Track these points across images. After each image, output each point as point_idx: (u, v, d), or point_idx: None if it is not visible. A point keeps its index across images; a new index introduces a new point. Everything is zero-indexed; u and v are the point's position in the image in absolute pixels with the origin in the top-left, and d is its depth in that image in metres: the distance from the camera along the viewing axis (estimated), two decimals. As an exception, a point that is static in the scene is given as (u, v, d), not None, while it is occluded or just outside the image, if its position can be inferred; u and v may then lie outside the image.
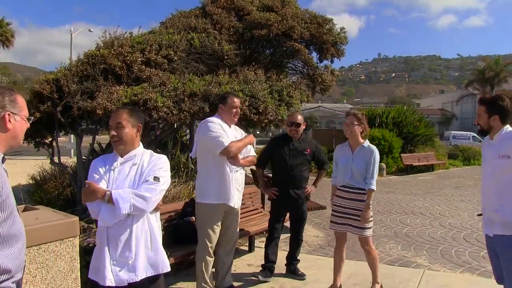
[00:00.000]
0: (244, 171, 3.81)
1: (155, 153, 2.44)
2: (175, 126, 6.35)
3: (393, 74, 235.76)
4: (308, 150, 4.17)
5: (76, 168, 6.14)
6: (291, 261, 4.30)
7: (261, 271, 4.11)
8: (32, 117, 1.78)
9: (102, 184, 2.25)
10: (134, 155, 2.35)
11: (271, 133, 34.88)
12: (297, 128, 4.10)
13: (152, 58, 5.66)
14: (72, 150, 16.92)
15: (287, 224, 4.42)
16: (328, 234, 6.11)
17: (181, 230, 4.13)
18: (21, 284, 1.62)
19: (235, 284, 3.85)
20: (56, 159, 6.16)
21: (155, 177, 2.28)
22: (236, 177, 3.57)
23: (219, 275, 3.71)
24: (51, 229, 2.58)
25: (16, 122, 1.63)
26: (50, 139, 6.17)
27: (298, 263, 4.33)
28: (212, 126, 3.45)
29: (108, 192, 2.19)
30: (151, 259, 2.31)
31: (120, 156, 2.34)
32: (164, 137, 6.66)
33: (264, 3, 8.02)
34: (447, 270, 4.52)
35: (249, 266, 4.54)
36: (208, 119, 3.56)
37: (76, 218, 2.76)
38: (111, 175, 2.29)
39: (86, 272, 2.39)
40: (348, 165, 3.66)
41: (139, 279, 2.24)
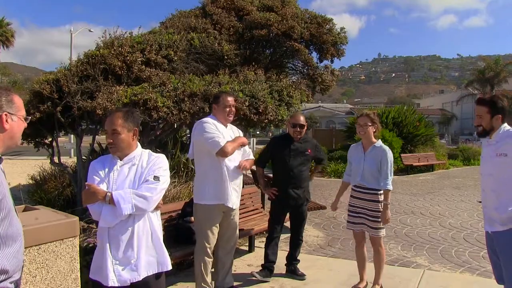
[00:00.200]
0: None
1: (153, 153, 2.44)
2: (175, 126, 6.34)
3: (393, 74, 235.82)
4: (309, 151, 4.17)
5: (76, 168, 6.14)
6: (291, 261, 4.30)
7: (261, 271, 4.11)
8: (30, 117, 1.77)
9: (103, 186, 2.26)
10: (133, 157, 2.36)
11: (271, 133, 34.86)
12: (301, 130, 4.09)
13: (152, 58, 5.66)
14: (72, 150, 16.92)
15: (287, 224, 4.42)
16: (328, 234, 6.11)
17: (181, 230, 4.13)
18: (20, 285, 1.62)
19: (235, 284, 3.84)
20: (56, 159, 6.17)
21: (155, 177, 2.29)
22: (234, 178, 3.54)
23: (219, 276, 3.69)
24: (51, 229, 2.58)
25: (14, 122, 1.63)
26: (50, 139, 6.18)
27: (298, 263, 4.32)
28: (207, 127, 3.41)
29: (109, 194, 2.20)
30: (153, 258, 2.31)
31: (119, 159, 2.35)
32: (164, 137, 6.66)
33: (264, 3, 8.02)
34: (447, 270, 4.52)
35: (249, 266, 4.54)
36: (203, 120, 3.52)
37: (76, 218, 2.76)
38: (111, 177, 2.30)
39: (86, 272, 2.39)
40: (361, 165, 3.71)
41: (142, 278, 2.25)
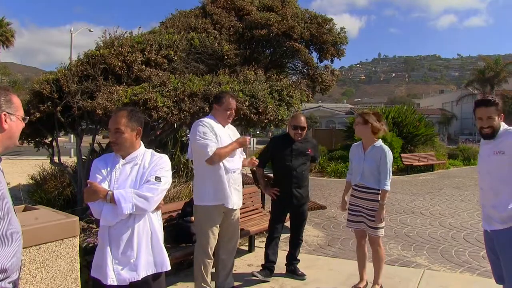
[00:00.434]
0: (242, 171, 3.76)
1: (156, 153, 2.44)
2: (175, 126, 6.34)
3: (393, 74, 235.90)
4: (310, 150, 4.17)
5: (76, 168, 6.14)
6: (291, 261, 4.30)
7: (261, 271, 4.11)
8: (28, 117, 1.76)
9: (104, 185, 2.27)
10: (136, 156, 2.36)
11: (271, 133, 34.86)
12: (302, 132, 4.08)
13: (152, 58, 5.66)
14: (72, 150, 16.93)
15: (287, 224, 4.42)
16: (328, 234, 6.11)
17: (181, 230, 4.13)
18: (18, 285, 1.62)
19: (235, 284, 3.84)
20: (56, 159, 6.17)
21: (157, 177, 2.29)
22: (234, 178, 3.51)
23: (220, 277, 3.67)
24: (51, 229, 2.58)
25: (12, 122, 1.62)
26: (50, 139, 6.18)
27: (298, 263, 4.33)
28: (201, 131, 3.35)
29: (110, 192, 2.20)
30: (153, 258, 2.32)
31: (122, 158, 2.35)
32: (164, 137, 6.66)
33: (264, 3, 8.02)
34: (447, 270, 4.52)
35: (249, 266, 4.54)
36: (200, 121, 3.47)
37: (76, 218, 2.76)
38: (113, 176, 2.31)
39: (86, 272, 2.39)
40: (360, 165, 3.73)
41: (141, 278, 2.26)
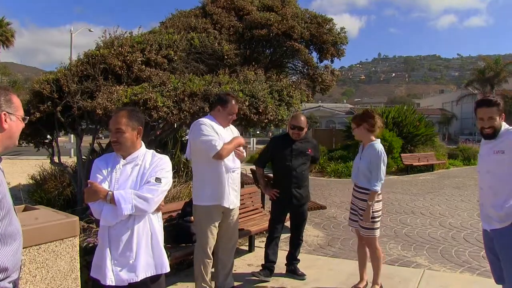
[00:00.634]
0: (241, 170, 3.76)
1: (157, 154, 2.43)
2: (175, 126, 6.34)
3: (393, 74, 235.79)
4: (310, 150, 4.17)
5: (76, 168, 6.14)
6: (291, 261, 4.30)
7: (261, 271, 4.11)
8: (28, 117, 1.76)
9: (105, 185, 2.26)
10: (136, 156, 2.36)
11: (271, 133, 34.85)
12: (300, 132, 4.08)
13: (152, 58, 5.66)
14: (72, 150, 16.93)
15: (287, 224, 4.42)
16: (328, 234, 6.11)
17: (181, 230, 4.13)
18: (18, 285, 1.62)
19: (235, 284, 3.84)
20: (56, 159, 6.17)
21: (157, 178, 2.28)
22: (233, 177, 3.52)
23: (220, 277, 3.67)
24: (51, 229, 2.58)
25: (12, 122, 1.62)
26: (50, 139, 6.18)
27: (298, 263, 4.32)
28: (203, 128, 3.35)
29: (110, 193, 2.20)
30: (152, 260, 2.31)
31: (122, 158, 2.35)
32: (164, 137, 6.67)
33: (264, 3, 8.02)
34: (447, 270, 4.52)
35: (249, 266, 4.54)
36: (200, 120, 3.47)
37: (76, 218, 2.76)
38: (113, 176, 2.30)
39: (86, 272, 2.39)
40: (357, 164, 3.76)
41: (139, 279, 2.25)
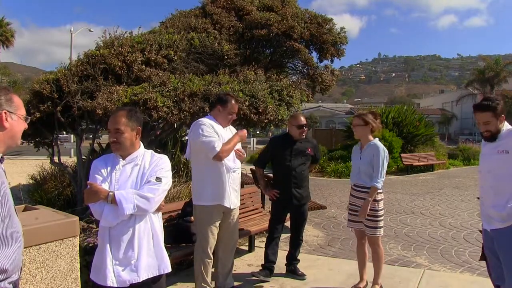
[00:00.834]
0: (241, 170, 3.76)
1: (156, 153, 2.43)
2: (175, 126, 6.35)
3: (393, 74, 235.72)
4: (309, 150, 4.18)
5: (76, 168, 6.14)
6: (291, 261, 4.30)
7: (261, 271, 4.11)
8: (30, 117, 1.76)
9: (105, 186, 2.26)
10: (136, 157, 2.35)
11: (271, 133, 34.85)
12: (306, 130, 4.16)
13: (152, 58, 5.66)
14: (72, 150, 16.94)
15: (287, 224, 4.42)
16: (328, 234, 6.11)
17: (181, 230, 4.13)
18: (18, 285, 1.62)
19: (235, 284, 3.84)
20: (56, 159, 6.17)
21: (157, 178, 2.29)
22: (233, 177, 3.52)
23: (220, 277, 3.68)
24: (51, 229, 2.58)
25: (13, 121, 1.62)
26: (50, 139, 6.17)
27: (298, 263, 4.32)
28: (204, 129, 3.35)
29: (111, 193, 2.19)
30: (153, 260, 2.31)
31: (122, 158, 2.35)
32: (164, 137, 6.67)
33: (264, 3, 8.02)
34: (447, 270, 4.52)
35: (249, 266, 4.54)
36: (200, 121, 3.47)
37: (76, 218, 2.76)
38: (113, 176, 2.30)
39: (86, 272, 2.38)
40: (357, 164, 3.76)
41: (141, 280, 2.24)
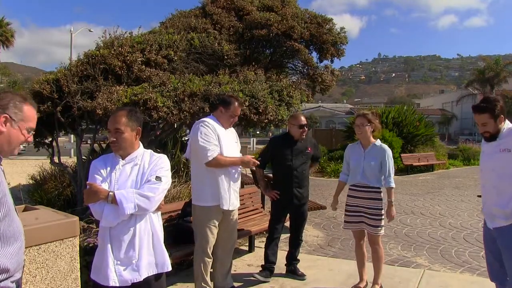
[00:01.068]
0: (241, 171, 3.76)
1: (155, 153, 2.44)
2: (175, 126, 6.34)
3: (393, 74, 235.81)
4: (309, 149, 4.18)
5: (76, 168, 6.14)
6: (291, 261, 4.30)
7: (261, 272, 4.11)
8: (33, 132, 1.71)
9: (105, 186, 2.26)
10: (135, 157, 2.36)
11: (271, 133, 34.84)
12: (306, 129, 4.16)
13: (152, 58, 5.66)
14: (72, 150, 16.94)
15: (287, 224, 4.42)
16: (328, 234, 6.11)
17: (181, 230, 4.13)
18: (21, 284, 1.62)
19: (235, 284, 3.84)
20: (56, 159, 6.16)
21: (157, 177, 2.30)
22: (233, 179, 3.52)
23: (219, 276, 3.68)
24: (51, 229, 2.58)
25: (13, 129, 1.59)
26: (50, 139, 6.17)
27: (298, 263, 4.33)
28: (203, 132, 3.36)
29: (111, 193, 2.20)
30: (154, 259, 2.32)
31: (121, 158, 2.35)
32: (164, 137, 6.66)
33: (264, 3, 8.01)
34: (447, 270, 4.52)
35: (249, 266, 4.54)
36: (202, 121, 3.47)
37: (76, 218, 2.76)
38: (113, 176, 2.30)
39: (86, 272, 2.39)
40: (360, 164, 3.72)
41: (142, 279, 2.25)
